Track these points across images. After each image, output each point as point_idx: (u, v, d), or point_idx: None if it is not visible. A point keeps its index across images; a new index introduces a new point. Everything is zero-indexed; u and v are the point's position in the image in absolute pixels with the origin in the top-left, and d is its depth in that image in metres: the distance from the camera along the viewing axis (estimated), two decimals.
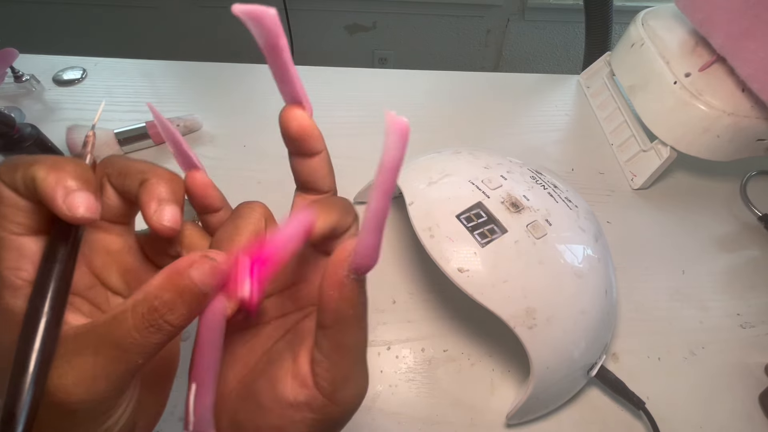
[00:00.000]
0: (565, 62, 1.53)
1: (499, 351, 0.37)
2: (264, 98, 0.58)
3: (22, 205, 0.15)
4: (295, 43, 1.45)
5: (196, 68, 0.62)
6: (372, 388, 0.35)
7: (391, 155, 0.13)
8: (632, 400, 0.33)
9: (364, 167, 0.43)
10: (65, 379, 0.14)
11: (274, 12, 0.15)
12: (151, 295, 0.14)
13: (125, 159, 0.19)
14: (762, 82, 0.38)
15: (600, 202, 0.48)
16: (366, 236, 0.15)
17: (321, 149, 0.20)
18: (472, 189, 0.32)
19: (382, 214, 0.14)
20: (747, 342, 0.38)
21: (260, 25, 0.16)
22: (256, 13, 0.15)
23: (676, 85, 0.43)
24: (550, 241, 0.30)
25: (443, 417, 0.34)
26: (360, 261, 0.15)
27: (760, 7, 0.38)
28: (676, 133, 0.44)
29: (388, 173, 0.14)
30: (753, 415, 0.34)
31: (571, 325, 0.29)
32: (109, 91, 0.57)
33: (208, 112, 0.55)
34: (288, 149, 0.20)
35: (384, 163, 0.13)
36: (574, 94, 0.61)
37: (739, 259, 0.44)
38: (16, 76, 0.55)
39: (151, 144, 0.50)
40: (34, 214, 0.15)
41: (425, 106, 0.58)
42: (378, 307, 0.39)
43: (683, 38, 0.46)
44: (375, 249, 0.15)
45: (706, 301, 0.41)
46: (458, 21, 1.42)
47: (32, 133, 0.45)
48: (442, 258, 0.29)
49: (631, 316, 0.39)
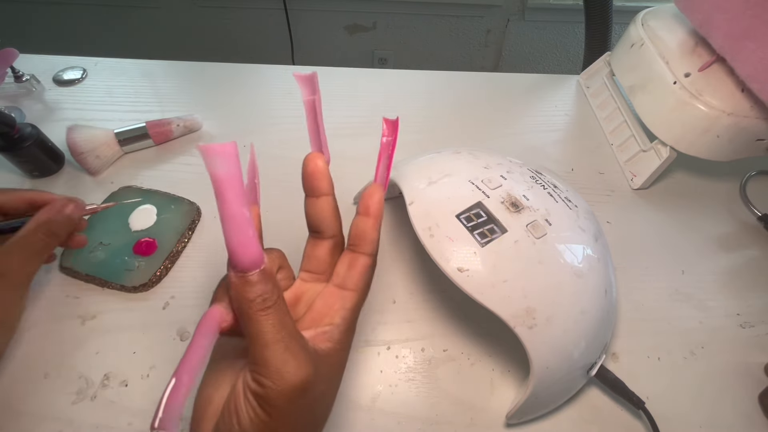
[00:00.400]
0: (565, 62, 1.53)
1: (499, 351, 0.37)
2: (264, 98, 0.58)
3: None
4: (295, 43, 1.45)
5: (196, 68, 0.62)
6: (372, 388, 0.35)
7: (213, 176, 0.17)
8: (632, 400, 0.33)
9: (364, 167, 0.43)
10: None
11: (314, 73, 0.22)
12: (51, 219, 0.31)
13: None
14: (762, 82, 0.38)
15: (600, 202, 0.48)
16: (228, 238, 0.18)
17: (328, 192, 0.24)
18: (471, 189, 0.32)
19: (232, 219, 0.18)
20: (747, 342, 0.38)
21: (309, 84, 0.22)
22: (308, 78, 0.22)
23: (675, 85, 0.43)
24: (549, 240, 0.30)
25: (443, 417, 0.34)
26: (233, 259, 0.19)
27: (760, 8, 0.38)
28: (676, 133, 0.44)
29: (217, 192, 0.18)
30: (753, 415, 0.35)
31: (571, 324, 0.29)
32: (109, 91, 0.58)
33: (208, 112, 0.55)
34: (304, 190, 0.24)
35: (213, 184, 0.17)
36: (573, 94, 0.61)
37: (738, 259, 0.44)
38: (16, 76, 0.55)
39: (152, 144, 0.50)
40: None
41: (425, 106, 0.58)
42: (378, 307, 0.39)
43: (683, 38, 0.46)
44: (240, 246, 0.18)
45: (706, 301, 0.41)
46: (458, 21, 1.42)
47: (32, 133, 0.45)
48: (442, 258, 0.29)
49: (631, 316, 0.39)
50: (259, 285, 0.19)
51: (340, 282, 0.24)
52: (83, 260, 0.39)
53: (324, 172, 0.23)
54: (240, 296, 0.19)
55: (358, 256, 0.23)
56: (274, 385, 0.19)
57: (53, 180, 0.47)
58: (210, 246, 0.42)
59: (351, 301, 0.23)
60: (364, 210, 0.23)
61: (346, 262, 0.24)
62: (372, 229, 0.23)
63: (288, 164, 0.49)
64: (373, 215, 0.23)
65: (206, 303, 0.38)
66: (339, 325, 0.23)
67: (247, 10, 1.40)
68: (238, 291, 0.19)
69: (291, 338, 0.20)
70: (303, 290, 0.25)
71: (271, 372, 0.19)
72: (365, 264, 0.23)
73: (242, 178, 0.18)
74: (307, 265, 0.25)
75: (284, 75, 0.62)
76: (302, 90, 0.22)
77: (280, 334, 0.19)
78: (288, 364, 0.19)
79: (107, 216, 0.43)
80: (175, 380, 0.18)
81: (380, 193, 0.23)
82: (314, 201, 0.24)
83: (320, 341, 0.22)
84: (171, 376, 0.18)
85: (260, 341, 0.19)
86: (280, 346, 0.19)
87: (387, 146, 0.23)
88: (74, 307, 0.38)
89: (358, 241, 0.23)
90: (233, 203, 0.18)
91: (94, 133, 0.47)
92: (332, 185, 0.24)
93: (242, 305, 0.19)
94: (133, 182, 0.47)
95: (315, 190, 0.23)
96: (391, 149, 0.23)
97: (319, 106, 0.22)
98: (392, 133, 0.23)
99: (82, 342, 0.36)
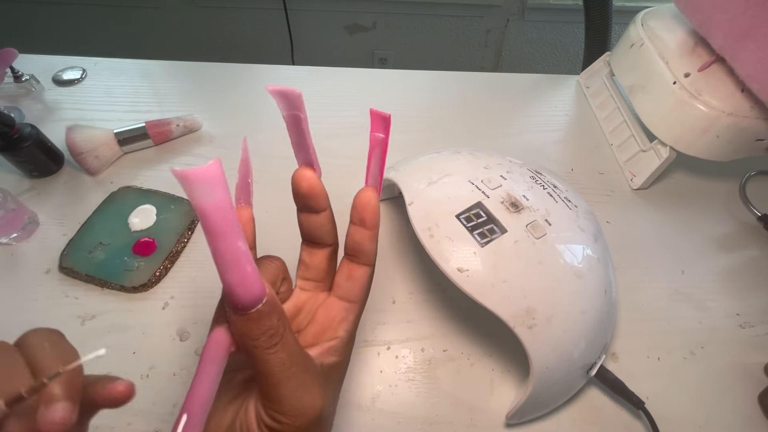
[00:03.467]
0: (565, 62, 1.53)
1: (499, 351, 0.37)
2: (264, 98, 0.58)
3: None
4: (295, 43, 1.45)
5: (196, 68, 0.62)
6: (372, 388, 0.35)
7: (198, 207, 0.15)
8: (632, 400, 0.33)
9: (364, 167, 0.43)
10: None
11: (299, 92, 0.19)
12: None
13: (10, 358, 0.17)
14: (761, 83, 0.38)
15: (599, 202, 0.48)
16: (223, 277, 0.16)
17: (326, 207, 0.22)
18: (471, 189, 0.32)
19: (227, 256, 0.16)
20: (746, 342, 0.38)
21: (286, 99, 0.19)
22: (283, 91, 0.19)
23: (675, 85, 0.43)
24: (549, 241, 0.30)
25: (443, 417, 0.34)
26: (231, 299, 0.17)
27: (760, 8, 0.38)
28: (676, 133, 0.44)
29: (205, 226, 0.15)
30: (752, 415, 0.35)
31: (570, 324, 0.29)
32: (109, 91, 0.57)
33: (208, 112, 0.55)
34: (296, 205, 0.23)
35: (199, 216, 0.15)
36: (573, 94, 0.61)
37: (738, 259, 0.44)
38: (15, 76, 0.55)
39: (151, 144, 0.50)
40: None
41: (425, 106, 0.58)
42: (378, 307, 0.39)
43: (683, 38, 0.46)
44: (238, 285, 0.16)
45: (705, 301, 0.41)
46: (458, 21, 1.42)
47: (32, 133, 0.45)
48: (441, 258, 0.29)
49: (631, 316, 0.39)
50: (263, 320, 0.17)
51: (342, 294, 0.23)
52: (83, 260, 0.39)
53: (320, 191, 0.22)
54: (243, 335, 0.18)
55: (358, 266, 0.23)
56: (291, 421, 0.18)
57: (53, 180, 0.47)
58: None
59: (354, 313, 0.23)
60: (360, 221, 0.22)
61: (345, 272, 0.23)
62: (369, 241, 0.22)
63: (288, 164, 0.49)
64: (370, 227, 0.22)
65: (206, 303, 0.38)
66: (343, 338, 0.22)
67: (246, 10, 1.40)
68: (240, 330, 0.17)
69: (303, 372, 0.19)
70: (303, 300, 0.24)
71: (286, 409, 0.18)
72: (365, 275, 0.23)
73: (232, 203, 0.15)
74: (305, 273, 0.24)
75: (284, 75, 0.62)
76: (281, 105, 0.19)
77: (291, 370, 0.18)
78: (303, 400, 0.18)
79: (107, 216, 0.43)
80: (186, 417, 0.16)
81: (375, 201, 0.21)
82: (311, 216, 0.22)
83: (326, 356, 0.22)
84: (181, 410, 0.17)
85: (271, 380, 0.18)
86: (292, 383, 0.18)
87: (378, 143, 0.21)
88: (74, 307, 0.38)
89: (356, 252, 0.22)
90: (226, 237, 0.15)
91: (93, 133, 0.47)
92: (328, 198, 0.22)
93: (247, 344, 0.18)
94: (132, 182, 0.47)
95: (313, 209, 0.22)
96: (384, 148, 0.21)
97: (306, 124, 0.20)
98: (385, 131, 0.21)
99: (82, 342, 0.35)
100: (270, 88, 0.18)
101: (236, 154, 0.51)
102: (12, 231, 0.41)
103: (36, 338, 0.18)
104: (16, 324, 0.37)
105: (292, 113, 0.19)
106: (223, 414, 0.20)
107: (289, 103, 0.19)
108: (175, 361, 0.35)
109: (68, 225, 0.43)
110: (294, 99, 0.19)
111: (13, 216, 0.41)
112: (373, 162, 0.22)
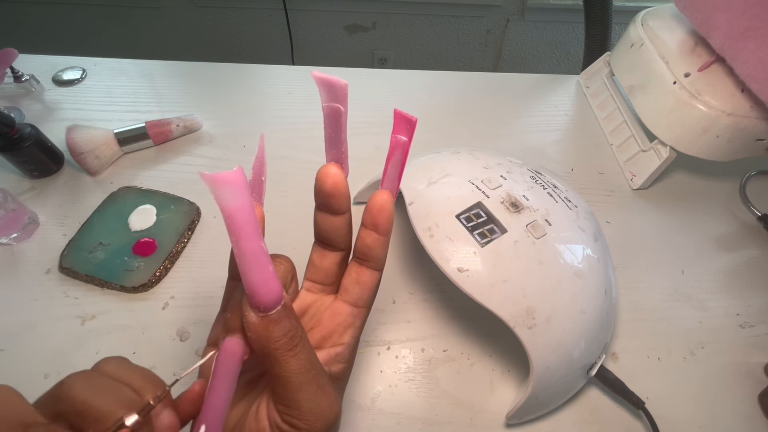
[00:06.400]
0: (565, 62, 1.53)
1: (499, 351, 0.37)
2: (264, 98, 0.58)
3: None
4: (295, 43, 1.45)
5: (196, 68, 0.62)
6: (372, 388, 0.35)
7: (225, 209, 0.15)
8: (632, 400, 0.33)
9: (364, 167, 0.43)
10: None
11: (345, 83, 0.18)
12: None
13: (84, 393, 0.16)
14: (761, 82, 0.38)
15: (600, 202, 0.48)
16: (247, 277, 0.16)
17: (346, 210, 0.21)
18: (471, 189, 0.32)
19: (251, 256, 0.16)
20: (746, 342, 0.38)
21: (330, 89, 0.18)
22: (329, 80, 0.18)
23: (675, 85, 0.43)
24: (549, 241, 0.30)
25: (443, 417, 0.34)
26: (254, 300, 0.17)
27: (760, 8, 0.38)
28: (676, 133, 0.44)
29: (230, 227, 0.16)
30: (752, 415, 0.35)
31: (570, 324, 0.29)
32: (109, 92, 0.57)
33: (208, 112, 0.55)
34: (316, 202, 0.21)
35: (225, 218, 0.16)
36: (573, 94, 0.61)
37: (738, 259, 0.44)
38: (15, 76, 0.55)
39: (151, 144, 0.50)
40: None
41: (425, 106, 0.58)
42: (378, 307, 0.39)
43: (683, 38, 0.46)
44: (262, 285, 0.16)
45: (705, 301, 0.41)
46: (458, 21, 1.42)
47: (32, 133, 0.45)
48: (441, 258, 0.29)
49: (631, 316, 0.39)
50: (283, 322, 0.17)
51: (349, 298, 0.23)
52: (83, 261, 0.39)
53: (344, 191, 0.20)
54: (263, 338, 0.17)
55: (367, 270, 0.22)
56: (309, 427, 0.18)
57: (53, 180, 0.47)
58: (209, 246, 0.42)
59: (360, 318, 0.23)
60: (373, 225, 0.21)
61: (353, 275, 0.23)
62: (382, 246, 0.21)
63: (288, 164, 0.49)
64: (383, 232, 0.21)
65: (206, 303, 0.38)
66: (349, 345, 0.22)
67: (247, 10, 1.40)
68: (260, 333, 0.17)
69: (321, 375, 0.19)
70: (309, 302, 0.24)
71: (305, 413, 0.18)
72: (374, 280, 0.22)
73: (253, 207, 0.16)
74: (314, 275, 0.24)
75: (284, 75, 0.62)
76: (323, 94, 0.19)
77: (311, 373, 0.18)
78: (321, 404, 0.18)
79: (107, 216, 0.43)
80: (205, 427, 0.17)
81: (390, 206, 0.20)
82: (329, 217, 0.22)
83: (333, 363, 0.22)
84: (198, 422, 0.17)
85: (291, 385, 0.18)
86: (312, 387, 0.18)
87: (399, 146, 0.20)
88: (74, 307, 0.38)
89: (367, 257, 0.22)
90: (250, 238, 0.16)
91: (93, 133, 0.47)
92: (350, 201, 0.21)
93: (267, 347, 0.17)
94: (132, 182, 0.47)
95: (333, 210, 0.21)
96: (405, 152, 0.20)
97: (345, 118, 0.19)
98: (408, 134, 0.20)
99: (82, 342, 0.36)
100: (315, 75, 0.18)
101: (236, 154, 0.52)
102: (12, 231, 0.41)
103: (114, 361, 0.19)
104: (16, 324, 0.37)
105: (332, 105, 0.19)
106: (227, 416, 0.20)
107: (333, 94, 0.18)
108: (175, 361, 0.35)
109: (68, 225, 0.43)
110: (338, 90, 0.18)
111: (13, 216, 0.41)
112: (391, 165, 0.20)
